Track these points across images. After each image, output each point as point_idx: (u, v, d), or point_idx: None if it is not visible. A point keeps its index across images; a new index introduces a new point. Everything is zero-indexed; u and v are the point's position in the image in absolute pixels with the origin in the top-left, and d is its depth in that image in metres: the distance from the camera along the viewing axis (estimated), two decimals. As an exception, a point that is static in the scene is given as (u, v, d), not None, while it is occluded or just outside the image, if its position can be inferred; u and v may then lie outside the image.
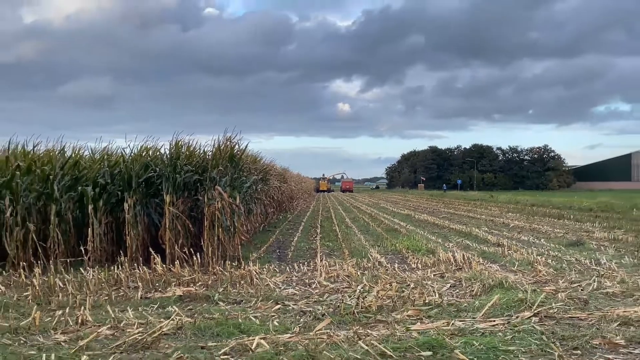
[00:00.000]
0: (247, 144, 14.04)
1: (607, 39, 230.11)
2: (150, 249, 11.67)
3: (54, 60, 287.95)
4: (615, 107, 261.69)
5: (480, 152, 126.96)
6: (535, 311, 7.01)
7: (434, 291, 8.44)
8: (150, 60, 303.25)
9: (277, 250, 15.43)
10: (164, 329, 6.35)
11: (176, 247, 12.02)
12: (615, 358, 5.38)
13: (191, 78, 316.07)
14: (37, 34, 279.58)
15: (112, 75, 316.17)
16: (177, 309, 7.36)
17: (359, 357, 5.43)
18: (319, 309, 7.56)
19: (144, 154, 13.53)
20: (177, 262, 11.24)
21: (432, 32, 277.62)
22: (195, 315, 7.20)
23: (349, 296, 8.21)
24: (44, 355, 5.45)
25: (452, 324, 6.61)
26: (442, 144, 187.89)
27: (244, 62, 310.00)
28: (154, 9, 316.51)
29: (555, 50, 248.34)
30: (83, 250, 11.83)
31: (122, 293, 8.88)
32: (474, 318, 6.90)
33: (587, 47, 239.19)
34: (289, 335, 6.21)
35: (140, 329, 6.40)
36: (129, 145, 13.81)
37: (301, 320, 7.06)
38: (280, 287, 9.25)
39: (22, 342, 6.11)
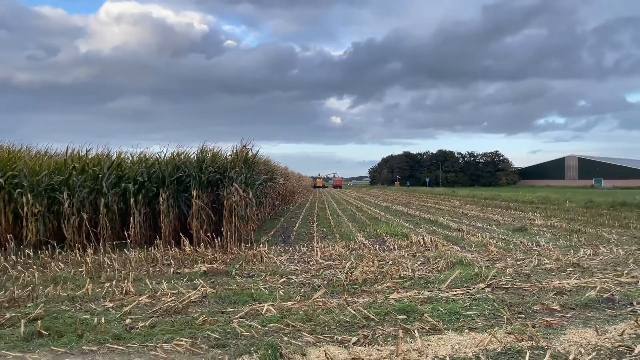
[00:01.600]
0: (258, 150, 14.03)
1: (545, 66, 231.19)
2: (180, 234, 11.66)
3: (103, 82, 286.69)
4: (552, 120, 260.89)
5: (444, 156, 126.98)
6: (488, 283, 7.04)
7: (407, 267, 8.45)
8: (180, 83, 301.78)
9: (282, 235, 15.41)
10: (191, 298, 6.34)
11: (201, 232, 12.00)
12: (552, 320, 5.40)
13: (214, 97, 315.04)
14: (90, 61, 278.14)
15: (149, 94, 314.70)
16: (202, 282, 7.36)
17: (348, 319, 5.44)
18: (315, 282, 7.56)
19: (175, 158, 13.50)
20: (202, 244, 11.23)
21: (408, 60, 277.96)
22: (217, 287, 7.19)
23: (340, 271, 8.21)
24: (95, 319, 5.44)
25: (422, 293, 6.63)
26: (414, 150, 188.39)
27: (256, 84, 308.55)
28: (184, 41, 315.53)
29: (504, 75, 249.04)
30: (126, 235, 11.82)
31: (158, 269, 8.85)
32: (439, 289, 6.92)
33: (530, 72, 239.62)
34: (292, 302, 6.22)
35: (173, 298, 6.40)
36: (163, 151, 13.83)
37: (302, 290, 7.05)
38: (284, 264, 9.25)
39: (77, 308, 6.10)
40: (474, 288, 6.82)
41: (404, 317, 5.53)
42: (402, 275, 7.85)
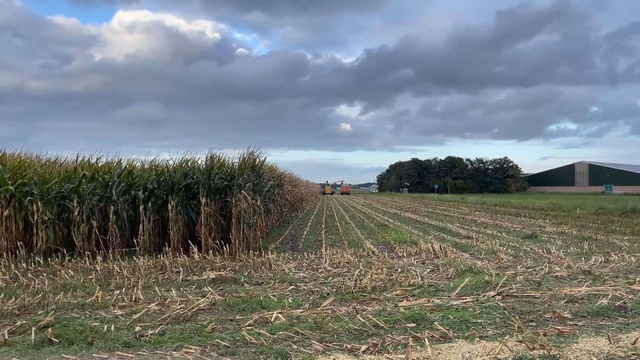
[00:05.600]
0: (265, 157, 14.12)
1: (557, 72, 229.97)
2: (189, 241, 11.71)
3: (116, 89, 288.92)
4: (563, 126, 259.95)
5: (453, 163, 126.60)
6: (498, 291, 6.99)
7: (417, 275, 8.42)
8: (191, 90, 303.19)
9: (290, 242, 15.42)
10: (200, 305, 6.35)
11: (209, 239, 12.04)
12: (564, 328, 5.35)
13: (224, 104, 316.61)
14: (103, 69, 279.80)
15: (161, 101, 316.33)
16: (211, 289, 7.38)
17: (357, 327, 5.42)
18: (324, 289, 7.55)
19: (184, 165, 13.59)
20: (210, 251, 11.27)
21: (419, 66, 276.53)
22: (226, 294, 7.20)
23: (349, 279, 8.18)
24: (105, 326, 5.46)
25: (432, 301, 6.59)
26: (423, 156, 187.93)
27: (267, 91, 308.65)
28: (196, 49, 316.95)
29: (515, 81, 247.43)
30: (135, 242, 11.88)
31: (167, 276, 8.88)
32: (449, 296, 6.88)
33: (541, 78, 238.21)
34: (301, 310, 6.21)
35: (182, 305, 6.41)
36: (172, 158, 13.94)
37: (310, 298, 7.04)
38: (293, 272, 9.25)
39: (87, 315, 6.13)
40: (484, 296, 6.78)
41: (413, 325, 5.51)
42: (411, 282, 7.81)
